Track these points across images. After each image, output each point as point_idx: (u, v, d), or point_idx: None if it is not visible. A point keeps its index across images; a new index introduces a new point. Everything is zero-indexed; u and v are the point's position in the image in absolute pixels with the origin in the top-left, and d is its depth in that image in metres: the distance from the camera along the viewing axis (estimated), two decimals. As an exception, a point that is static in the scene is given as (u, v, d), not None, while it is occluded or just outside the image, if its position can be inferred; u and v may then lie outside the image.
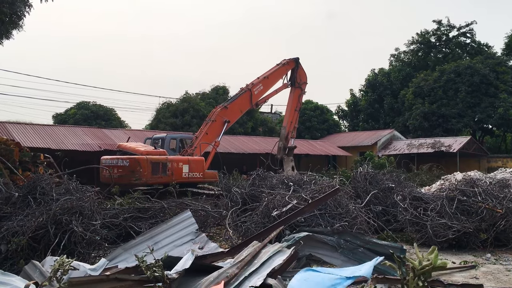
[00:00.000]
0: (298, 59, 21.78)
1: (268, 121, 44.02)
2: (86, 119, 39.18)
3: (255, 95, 19.35)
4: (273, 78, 20.55)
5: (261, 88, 19.63)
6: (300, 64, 21.82)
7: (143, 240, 6.97)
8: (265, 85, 19.92)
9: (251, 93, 19.13)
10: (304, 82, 22.29)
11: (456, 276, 6.77)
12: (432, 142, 38.16)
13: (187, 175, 15.14)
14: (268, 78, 20.10)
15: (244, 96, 19.11)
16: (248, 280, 4.76)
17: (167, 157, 14.91)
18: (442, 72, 42.90)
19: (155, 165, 14.39)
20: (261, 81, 19.70)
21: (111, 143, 25.12)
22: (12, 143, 11.16)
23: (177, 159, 15.24)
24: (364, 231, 8.10)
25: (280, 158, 20.84)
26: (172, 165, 14.79)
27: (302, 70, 22.06)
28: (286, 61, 21.18)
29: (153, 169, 14.28)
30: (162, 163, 14.58)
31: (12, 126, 24.91)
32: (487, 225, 8.70)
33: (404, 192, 10.41)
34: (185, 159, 15.48)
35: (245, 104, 19.30)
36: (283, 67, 21.03)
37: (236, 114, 19.13)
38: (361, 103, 51.78)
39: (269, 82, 20.22)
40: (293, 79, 21.70)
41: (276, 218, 7.62)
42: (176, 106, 37.88)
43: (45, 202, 7.01)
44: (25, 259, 5.99)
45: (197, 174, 15.46)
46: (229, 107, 18.45)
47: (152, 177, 14.27)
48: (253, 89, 19.25)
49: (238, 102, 18.99)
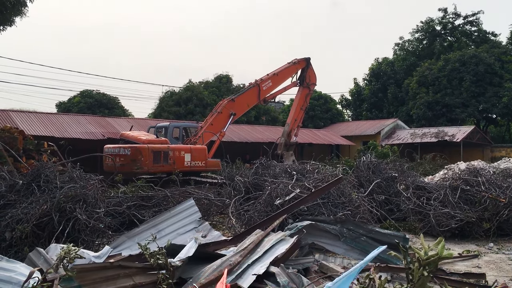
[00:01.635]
0: (309, 59, 21.70)
1: (272, 111, 43.92)
2: (89, 107, 39.16)
3: (263, 91, 19.35)
4: (283, 76, 20.58)
5: (269, 84, 19.62)
6: (310, 65, 21.79)
7: (146, 228, 6.99)
8: (274, 82, 19.93)
9: (259, 89, 19.15)
10: (313, 83, 22.33)
11: (458, 265, 6.79)
12: (436, 131, 38.03)
13: (189, 164, 15.05)
14: (278, 75, 20.13)
15: (252, 91, 19.12)
16: (251, 268, 4.78)
17: (169, 146, 14.84)
18: (446, 61, 42.60)
19: (156, 154, 14.34)
20: (270, 78, 19.69)
21: (115, 131, 25.15)
22: (16, 131, 11.21)
23: (179, 148, 15.17)
24: (367, 220, 8.12)
25: (280, 154, 20.78)
26: (174, 153, 14.72)
27: (312, 71, 22.06)
28: (297, 60, 21.14)
29: (154, 157, 14.23)
30: (163, 151, 14.52)
31: (16, 114, 24.96)
32: (490, 214, 8.71)
33: (407, 182, 10.41)
34: (187, 147, 15.42)
35: (252, 99, 19.32)
36: (294, 65, 21.01)
37: (243, 107, 19.10)
38: (364, 92, 51.59)
39: (278, 79, 20.23)
40: (302, 79, 21.69)
41: (279, 207, 7.63)
42: (180, 94, 37.81)
43: (49, 190, 7.02)
44: (29, 246, 6.04)
45: (200, 163, 15.38)
46: (236, 100, 18.42)
47: (153, 165, 14.20)
48: (262, 84, 19.26)
49: (245, 96, 18.97)
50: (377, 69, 50.62)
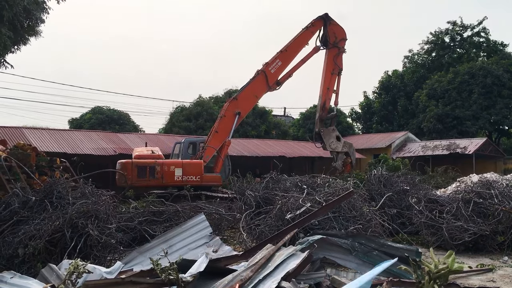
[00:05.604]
0: (327, 15, 18.08)
1: (282, 124, 44.01)
2: (100, 123, 39.61)
3: (271, 74, 17.03)
4: (294, 48, 17.60)
5: (279, 64, 17.15)
6: (331, 20, 18.11)
7: (157, 243, 7.02)
8: (284, 59, 17.31)
9: (265, 75, 16.95)
10: (342, 38, 18.40)
11: (472, 279, 6.69)
12: (447, 144, 37.73)
13: (180, 178, 15.08)
14: (287, 50, 17.37)
15: (257, 80, 17.02)
16: (263, 283, 4.76)
17: (156, 161, 15.14)
18: (456, 74, 42.45)
19: (140, 168, 14.73)
20: (278, 57, 17.18)
21: (126, 147, 25.37)
22: (29, 148, 11.34)
23: (168, 163, 15.38)
24: (378, 234, 8.05)
25: (318, 132, 18.26)
26: (162, 168, 14.97)
27: (336, 26, 18.30)
28: (311, 23, 17.95)
29: (138, 172, 14.62)
30: (149, 166, 14.87)
31: (29, 131, 25.31)
32: (504, 227, 8.59)
33: (419, 195, 10.31)
34: (179, 162, 15.56)
35: (261, 88, 17.20)
36: (307, 31, 17.91)
37: (249, 102, 17.43)
38: (374, 105, 51.50)
39: (288, 55, 17.43)
40: (325, 39, 18.17)
41: (290, 221, 7.60)
42: (190, 110, 38.10)
43: (62, 206, 7.09)
44: (42, 262, 6.08)
45: (193, 178, 15.26)
46: (240, 97, 16.91)
47: (138, 180, 14.52)
48: (268, 68, 16.99)
49: (250, 89, 17.07)
50: (387, 82, 50.59)
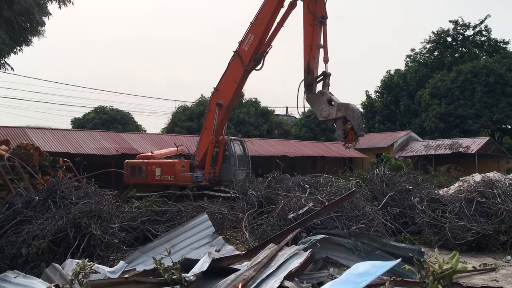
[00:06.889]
0: None
1: (284, 124, 44.00)
2: (103, 123, 39.69)
3: (245, 53, 15.11)
4: (265, 13, 14.79)
5: (251, 39, 15.03)
6: None
7: (160, 243, 7.03)
8: (257, 30, 14.95)
9: (239, 55, 15.22)
10: None
11: (475, 279, 6.68)
12: (450, 143, 37.66)
13: (159, 178, 16.31)
14: (259, 18, 14.86)
15: (233, 63, 15.51)
16: (265, 283, 4.77)
17: (143, 161, 16.80)
18: (458, 73, 42.35)
19: (132, 168, 16.74)
20: (249, 31, 15.08)
21: (129, 147, 25.43)
22: (31, 148, 11.37)
23: (151, 163, 16.67)
24: (381, 233, 8.04)
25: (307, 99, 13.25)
26: (146, 168, 16.49)
27: None
28: None
29: (131, 171, 16.53)
30: (138, 166, 16.68)
31: (31, 131, 25.34)
32: (506, 227, 8.58)
33: (421, 194, 10.30)
34: (158, 162, 16.71)
35: (237, 71, 15.48)
36: None
37: (229, 88, 15.67)
38: (377, 104, 51.39)
39: (260, 24, 14.88)
40: None
41: (292, 221, 7.61)
42: (192, 109, 38.13)
43: (65, 205, 7.11)
44: (45, 262, 6.10)
45: (168, 177, 16.21)
46: (219, 87, 15.80)
47: (132, 178, 16.27)
48: (241, 47, 15.20)
49: (228, 75, 15.70)
50: (389, 81, 50.46)
